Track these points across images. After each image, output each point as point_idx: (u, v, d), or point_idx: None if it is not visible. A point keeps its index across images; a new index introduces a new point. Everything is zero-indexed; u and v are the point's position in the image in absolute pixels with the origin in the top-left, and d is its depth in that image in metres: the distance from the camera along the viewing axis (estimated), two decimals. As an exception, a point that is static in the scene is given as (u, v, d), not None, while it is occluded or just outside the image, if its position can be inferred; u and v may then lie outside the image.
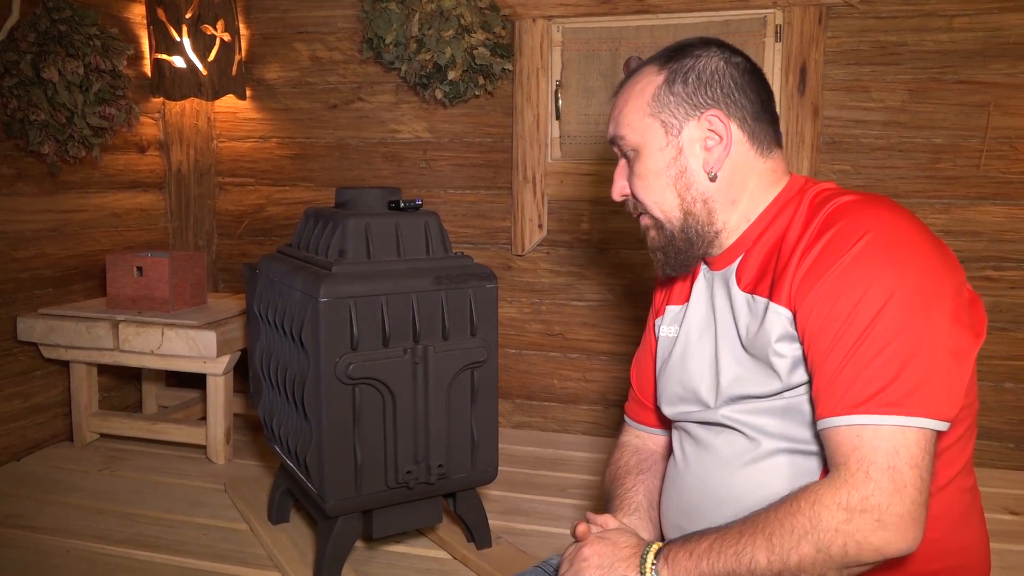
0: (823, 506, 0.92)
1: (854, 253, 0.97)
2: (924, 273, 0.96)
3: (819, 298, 0.99)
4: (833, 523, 0.91)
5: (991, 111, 2.30)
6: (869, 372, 0.93)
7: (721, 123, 1.11)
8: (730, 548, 0.96)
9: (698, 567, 0.98)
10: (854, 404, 0.93)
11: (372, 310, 1.56)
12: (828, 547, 0.91)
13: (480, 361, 1.67)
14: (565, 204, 2.66)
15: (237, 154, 2.95)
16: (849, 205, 1.04)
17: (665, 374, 1.27)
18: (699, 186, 1.13)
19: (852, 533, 0.90)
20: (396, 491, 1.63)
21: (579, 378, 2.72)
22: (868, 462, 0.91)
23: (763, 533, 0.95)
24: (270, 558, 1.80)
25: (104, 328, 2.30)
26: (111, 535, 1.91)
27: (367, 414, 1.58)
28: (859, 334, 0.95)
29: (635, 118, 1.15)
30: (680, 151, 1.13)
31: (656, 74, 1.15)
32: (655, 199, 1.15)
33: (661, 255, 1.20)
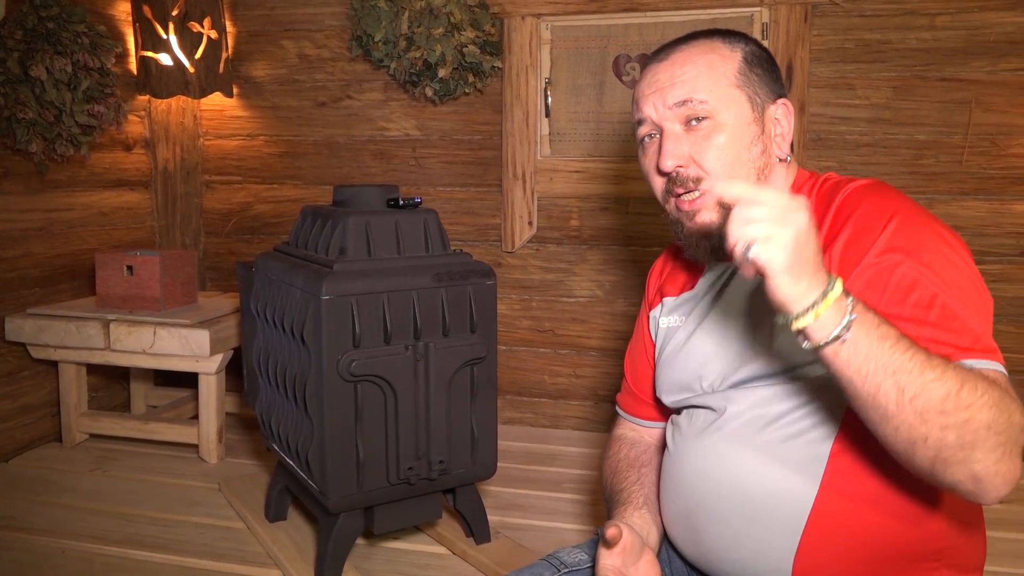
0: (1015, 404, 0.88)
1: (888, 233, 1.00)
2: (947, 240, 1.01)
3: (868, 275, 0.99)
4: (1016, 424, 0.87)
5: (972, 108, 2.34)
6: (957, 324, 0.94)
7: (789, 113, 1.16)
8: (920, 355, 0.86)
9: (882, 340, 0.86)
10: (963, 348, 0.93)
11: (374, 307, 1.57)
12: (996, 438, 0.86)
13: (480, 357, 1.68)
14: (554, 201, 2.67)
15: (224, 152, 2.94)
16: (859, 191, 1.08)
17: (667, 363, 1.28)
18: (771, 169, 1.14)
19: (1009, 447, 0.87)
20: (397, 487, 1.64)
21: (569, 374, 2.74)
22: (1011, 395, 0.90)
23: (958, 379, 0.85)
24: (269, 556, 1.80)
25: (95, 327, 2.29)
26: (108, 535, 1.90)
27: (369, 411, 1.59)
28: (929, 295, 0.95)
29: (720, 85, 1.11)
30: (763, 130, 1.13)
31: (728, 50, 1.14)
32: (730, 172, 1.10)
33: (716, 239, 1.11)
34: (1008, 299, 2.38)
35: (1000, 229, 2.36)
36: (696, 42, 1.16)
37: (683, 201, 1.14)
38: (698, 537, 1.15)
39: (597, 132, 2.59)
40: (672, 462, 1.23)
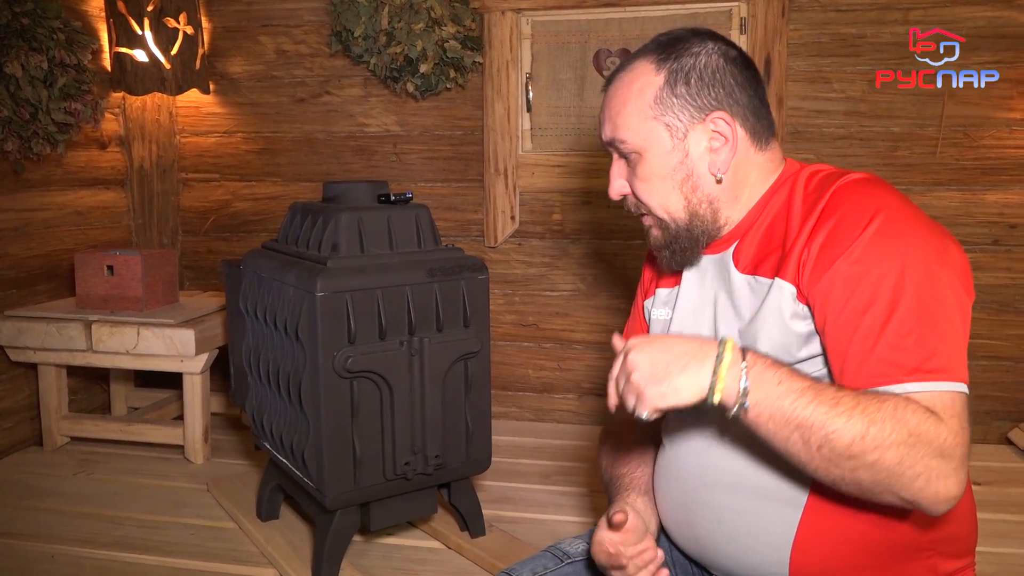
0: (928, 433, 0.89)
1: (868, 234, 0.99)
2: (931, 247, 0.99)
3: (837, 280, 1.00)
4: (928, 453, 0.89)
5: (945, 101, 2.39)
6: (909, 342, 0.94)
7: (727, 124, 1.12)
8: (823, 405, 0.90)
9: (781, 399, 0.91)
10: (904, 372, 0.94)
11: (368, 304, 1.57)
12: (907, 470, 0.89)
13: (474, 352, 1.69)
14: (536, 196, 2.68)
15: (201, 149, 2.91)
16: (851, 186, 1.06)
17: None
18: (705, 188, 1.14)
19: (935, 469, 0.89)
20: (394, 483, 1.64)
21: (553, 367, 2.76)
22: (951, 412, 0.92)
23: (864, 417, 0.89)
24: (264, 555, 1.79)
25: (76, 329, 2.25)
26: (96, 539, 1.88)
27: (365, 407, 1.59)
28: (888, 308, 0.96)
29: (636, 121, 1.13)
30: (686, 154, 1.12)
31: (654, 73, 1.13)
32: (660, 202, 1.15)
33: (667, 252, 1.20)
34: (981, 287, 2.42)
35: (973, 219, 2.42)
36: (632, 67, 1.16)
37: (638, 216, 1.22)
38: (694, 531, 1.16)
39: (578, 126, 2.61)
40: (666, 455, 1.24)
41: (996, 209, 2.41)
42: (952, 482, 0.90)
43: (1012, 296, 2.43)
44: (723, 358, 0.93)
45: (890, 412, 0.89)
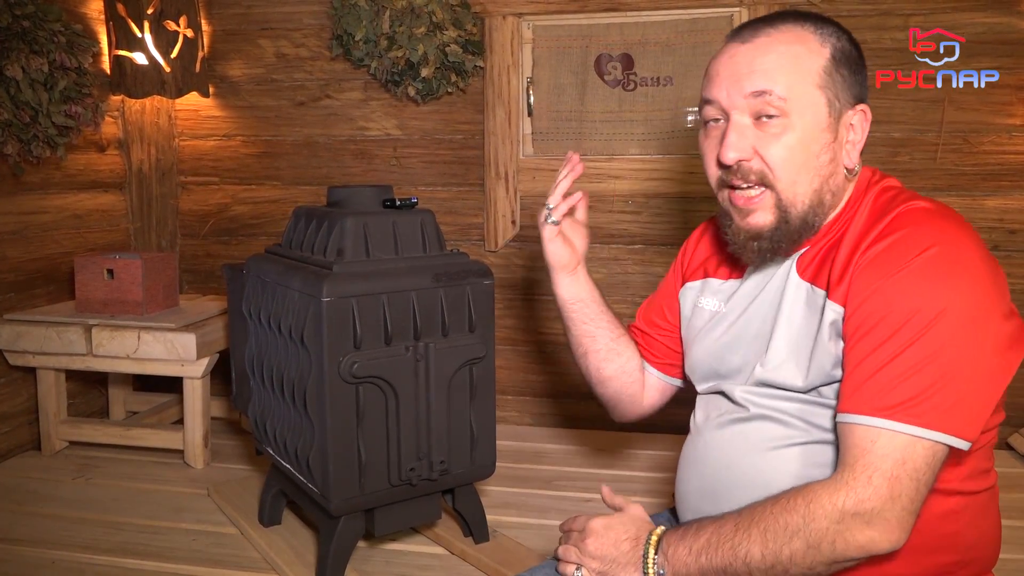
0: (819, 506, 0.96)
1: (917, 264, 0.98)
2: (979, 295, 0.98)
3: (872, 301, 1.00)
4: (825, 523, 0.95)
5: (945, 106, 2.40)
6: (906, 381, 0.95)
7: (866, 120, 1.11)
8: (727, 543, 1.00)
9: (697, 562, 1.01)
10: (881, 407, 0.96)
11: (374, 309, 1.56)
12: (819, 544, 0.96)
13: (479, 357, 1.69)
14: (537, 200, 2.68)
15: (200, 153, 2.90)
16: (917, 213, 1.04)
17: (703, 347, 1.27)
18: (838, 177, 1.10)
19: (842, 532, 0.95)
20: (398, 488, 1.64)
21: (552, 372, 2.76)
22: (873, 468, 0.95)
23: (759, 528, 0.98)
24: (267, 561, 1.78)
25: (76, 333, 2.24)
26: (97, 544, 1.87)
27: (370, 412, 1.58)
28: (906, 343, 0.96)
29: (801, 80, 1.06)
30: (835, 136, 1.08)
31: (819, 44, 1.07)
32: (794, 177, 1.07)
33: (766, 243, 1.12)
34: (981, 292, 2.45)
35: (973, 224, 2.39)
36: (786, 26, 1.08)
37: (738, 196, 1.12)
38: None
39: (579, 131, 2.61)
40: (694, 444, 1.25)
41: (996, 215, 2.42)
42: (878, 535, 0.94)
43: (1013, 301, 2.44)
44: (648, 561, 1.05)
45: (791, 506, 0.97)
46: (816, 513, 0.96)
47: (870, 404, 0.97)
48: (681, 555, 1.03)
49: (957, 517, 1.05)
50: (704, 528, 1.03)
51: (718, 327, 1.25)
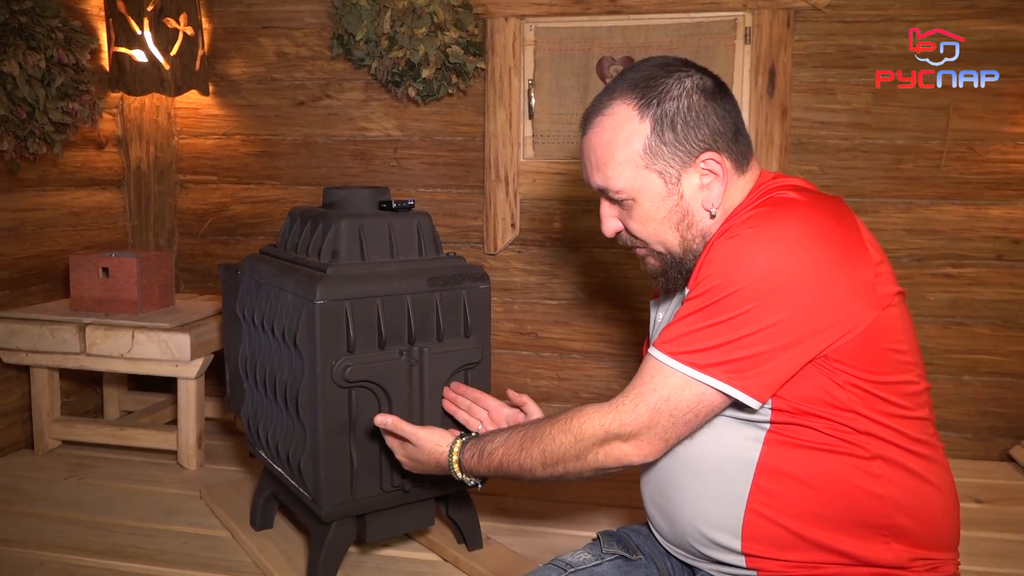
0: (590, 427, 1.12)
1: (752, 232, 1.05)
2: (791, 266, 1.03)
3: (708, 261, 1.08)
4: (591, 442, 1.12)
5: (950, 114, 2.38)
6: (703, 331, 1.06)
7: (716, 163, 1.16)
8: (515, 460, 1.21)
9: (488, 466, 1.26)
10: (671, 349, 1.08)
11: (367, 312, 1.54)
12: (584, 456, 1.13)
13: (474, 362, 1.66)
14: (537, 203, 2.66)
15: (199, 151, 2.88)
16: (783, 201, 1.11)
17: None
18: (700, 224, 1.19)
19: (604, 448, 1.12)
20: (391, 494, 1.61)
21: (552, 376, 2.74)
22: (642, 398, 1.09)
23: (539, 449, 1.17)
24: (257, 566, 1.77)
25: (70, 331, 2.22)
26: (87, 546, 1.85)
27: (363, 417, 1.56)
28: (717, 298, 1.05)
29: (627, 170, 1.15)
30: (681, 196, 1.17)
31: (638, 120, 1.14)
32: (657, 238, 1.20)
33: (663, 279, 1.26)
34: (984, 302, 2.43)
35: (977, 233, 2.40)
36: (611, 110, 1.16)
37: (631, 248, 1.27)
38: (667, 512, 1.21)
39: (581, 134, 2.58)
40: None
41: (1000, 224, 2.39)
42: (632, 450, 1.11)
43: (1015, 312, 2.42)
44: (452, 458, 1.32)
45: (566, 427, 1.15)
46: (586, 434, 1.12)
47: (666, 343, 1.09)
48: (471, 461, 1.29)
49: (881, 482, 1.08)
50: (498, 440, 1.25)
51: (655, 334, 1.35)
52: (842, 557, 1.08)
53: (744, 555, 1.12)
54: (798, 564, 1.10)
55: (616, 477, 2.28)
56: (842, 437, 1.08)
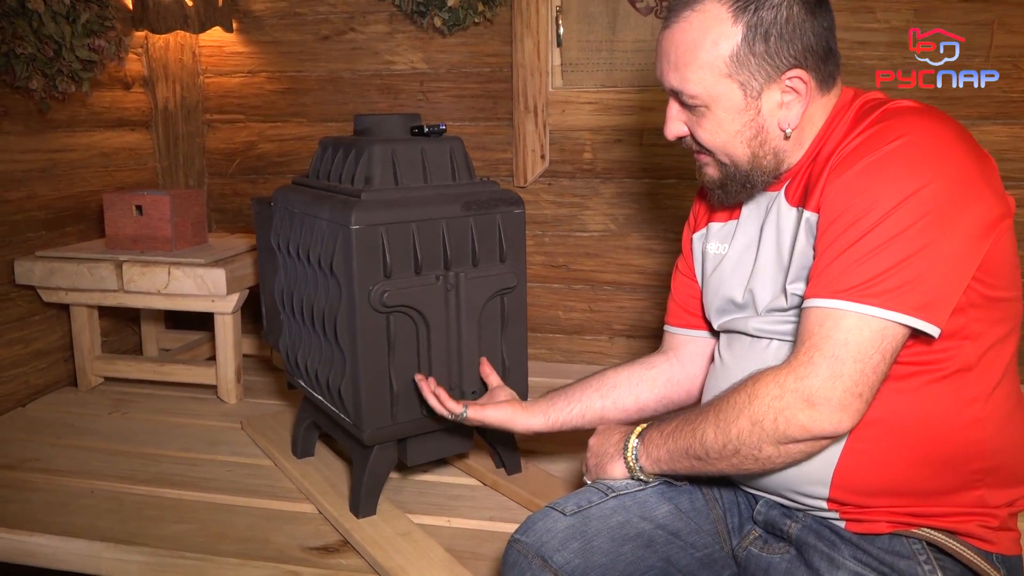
0: (763, 384, 1.01)
1: (883, 153, 0.99)
2: (951, 182, 0.97)
3: (840, 196, 1.01)
4: (767, 400, 1.00)
5: (995, 30, 2.30)
6: (862, 264, 0.97)
7: (803, 82, 1.09)
8: (689, 426, 1.09)
9: (666, 444, 1.13)
10: (834, 290, 0.98)
11: (403, 237, 1.54)
12: (761, 421, 1.00)
13: (510, 287, 1.66)
14: (566, 134, 2.63)
15: (225, 90, 2.87)
16: (895, 110, 1.06)
17: (711, 288, 1.31)
18: (772, 142, 1.13)
19: (783, 410, 0.99)
20: (430, 419, 1.63)
21: (584, 309, 2.73)
22: (816, 348, 0.98)
23: (714, 410, 1.06)
24: (300, 491, 1.80)
25: (107, 269, 2.25)
26: (134, 475, 1.89)
27: (401, 342, 1.57)
28: (867, 228, 0.97)
29: (707, 75, 1.09)
30: (758, 112, 1.11)
31: (730, 23, 1.07)
32: (724, 150, 1.14)
33: (720, 192, 1.20)
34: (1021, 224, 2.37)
35: (1020, 153, 2.34)
36: (700, 6, 1.08)
37: (692, 152, 1.21)
38: None
39: (610, 62, 2.53)
40: (717, 376, 1.26)
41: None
42: (819, 415, 0.97)
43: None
44: (628, 448, 1.21)
45: (740, 387, 1.04)
46: (759, 391, 1.01)
47: (825, 288, 0.99)
48: (654, 438, 1.16)
49: (982, 425, 1.04)
50: (677, 416, 1.14)
51: (722, 267, 1.28)
52: (928, 501, 1.05)
53: (828, 500, 1.09)
54: (882, 510, 1.06)
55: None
56: (947, 375, 1.02)
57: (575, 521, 1.17)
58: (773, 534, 1.19)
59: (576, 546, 1.14)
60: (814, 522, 1.13)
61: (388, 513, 1.65)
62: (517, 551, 1.16)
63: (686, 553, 1.20)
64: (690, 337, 1.43)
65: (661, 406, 1.45)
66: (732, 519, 1.25)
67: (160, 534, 1.63)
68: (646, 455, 1.18)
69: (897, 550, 1.07)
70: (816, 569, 1.09)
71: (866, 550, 1.08)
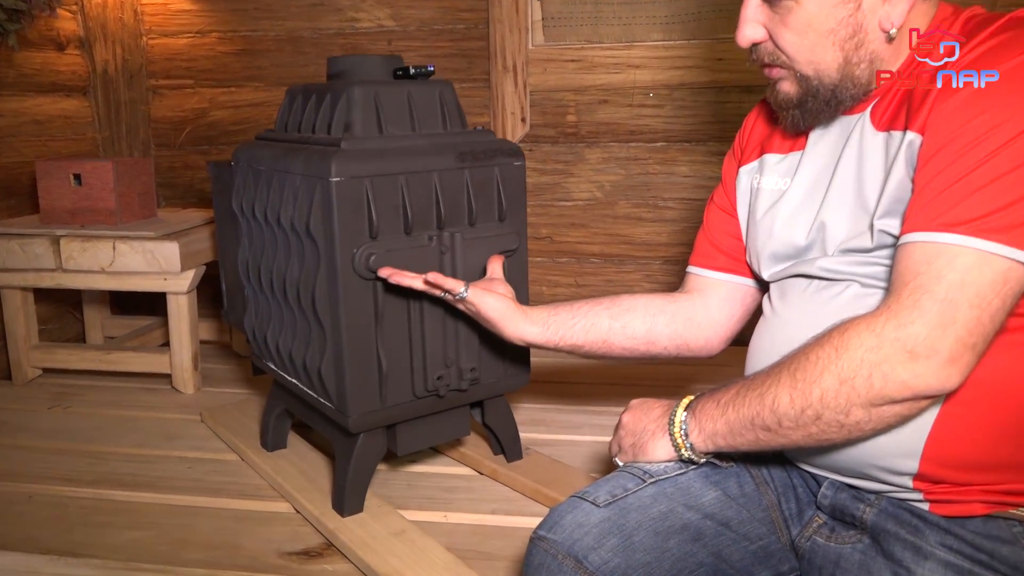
0: (855, 333, 0.84)
1: (1005, 72, 0.85)
2: None
3: (952, 117, 0.86)
4: (860, 352, 0.83)
5: None
6: (979, 193, 0.82)
7: None
8: (755, 391, 0.91)
9: (724, 415, 0.94)
10: (947, 222, 0.82)
11: (390, 192, 1.33)
12: (852, 378, 0.83)
13: (511, 249, 1.47)
14: (549, 95, 2.44)
15: (171, 52, 2.61)
16: (1016, 20, 0.91)
17: (763, 230, 1.12)
18: (870, 45, 0.97)
19: (880, 364, 0.82)
20: (424, 401, 1.43)
21: (570, 283, 2.55)
22: (924, 290, 0.82)
23: (788, 369, 0.88)
24: (273, 487, 1.59)
25: (42, 245, 1.99)
26: (79, 476, 1.66)
27: (390, 313, 1.36)
28: (985, 156, 0.83)
29: None
30: (859, 7, 0.95)
31: None
32: (810, 57, 0.98)
33: (796, 112, 1.03)
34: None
35: None
36: None
37: (764, 67, 1.04)
38: None
39: (596, 15, 2.35)
40: (771, 331, 1.09)
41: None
42: (924, 370, 0.81)
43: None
44: (674, 423, 1.00)
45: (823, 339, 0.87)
46: (851, 342, 0.83)
47: (934, 221, 0.83)
48: (708, 409, 0.97)
49: None
50: (737, 381, 0.95)
51: (781, 205, 1.10)
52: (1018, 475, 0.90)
53: (915, 476, 0.92)
54: (976, 488, 0.91)
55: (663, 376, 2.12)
56: None
57: (611, 513, 0.99)
58: (842, 520, 1.02)
59: (614, 543, 0.95)
60: (891, 505, 0.97)
61: (377, 510, 1.45)
62: (544, 550, 0.97)
63: (739, 546, 1.03)
64: (721, 281, 1.25)
65: (672, 346, 1.27)
66: (788, 504, 1.08)
67: (111, 543, 1.41)
68: (699, 429, 0.99)
69: (995, 534, 0.91)
70: (899, 560, 0.93)
71: (957, 535, 0.92)
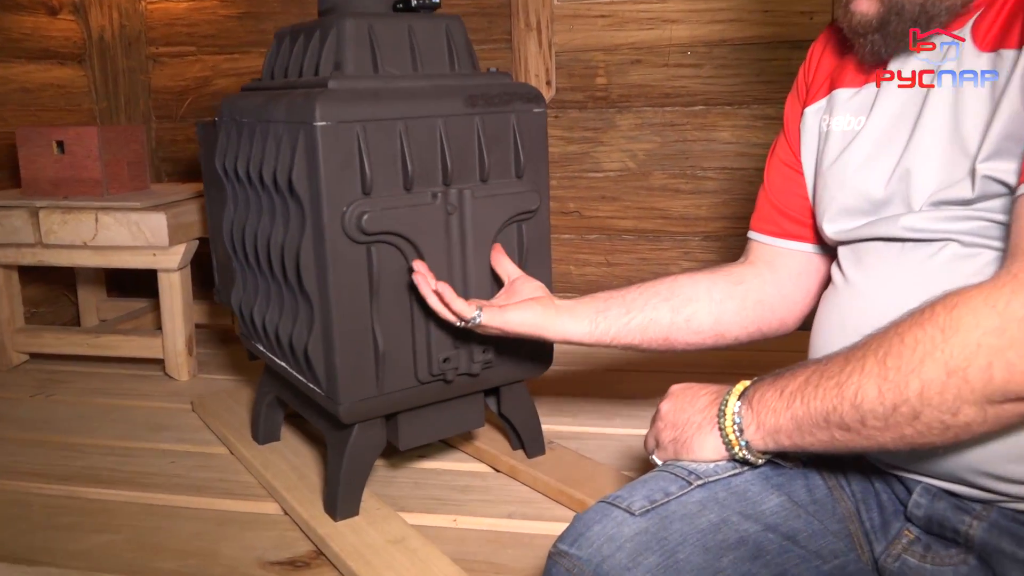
0: (968, 311, 0.63)
1: None
2: None
3: None
4: (976, 333, 0.62)
5: None
6: None
7: None
8: (829, 380, 0.70)
9: (790, 408, 0.74)
10: None
11: (387, 141, 1.13)
12: (964, 367, 0.62)
13: (530, 211, 1.27)
14: (576, 55, 2.23)
15: (171, 17, 2.44)
16: None
17: (832, 180, 0.92)
18: None
19: (1001, 349, 0.61)
20: (429, 387, 1.23)
21: (600, 262, 2.34)
22: None
23: (875, 354, 0.68)
24: (262, 485, 1.40)
25: (20, 218, 1.83)
26: (50, 471, 1.49)
27: (388, 283, 1.16)
28: None
29: None
30: None
31: None
32: None
33: (877, 36, 0.89)
34: None
35: None
36: None
37: None
38: None
39: (628, -35, 2.13)
40: (842, 304, 0.89)
41: None
42: None
43: None
44: (725, 415, 0.80)
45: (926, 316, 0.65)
46: (962, 321, 0.63)
47: None
48: (768, 400, 0.76)
49: None
50: (807, 366, 0.75)
51: (853, 149, 0.91)
52: None
53: None
54: None
55: (696, 361, 1.90)
56: None
57: (648, 524, 0.78)
58: (940, 536, 0.81)
59: (654, 561, 0.75)
60: (1003, 518, 0.76)
61: (375, 513, 1.25)
62: (565, 569, 0.77)
63: (809, 565, 0.82)
64: (790, 251, 1.03)
65: (745, 334, 1.06)
66: (871, 515, 0.87)
67: (73, 548, 1.23)
68: (756, 424, 0.78)
69: None
70: None
71: None
